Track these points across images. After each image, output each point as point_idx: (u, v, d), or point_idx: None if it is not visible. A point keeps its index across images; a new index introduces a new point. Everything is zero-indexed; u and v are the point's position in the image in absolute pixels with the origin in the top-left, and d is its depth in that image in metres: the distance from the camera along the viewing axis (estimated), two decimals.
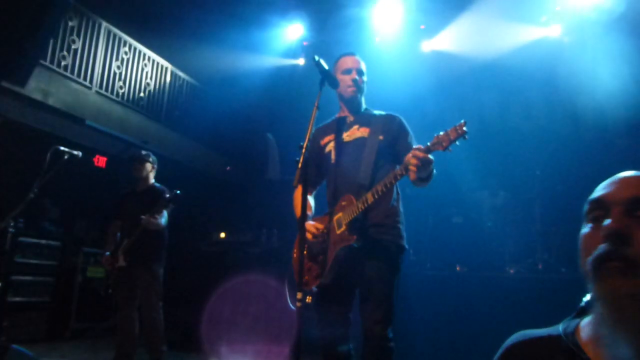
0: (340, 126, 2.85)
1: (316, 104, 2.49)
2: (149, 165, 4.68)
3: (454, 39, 7.04)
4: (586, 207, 0.99)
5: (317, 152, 2.89)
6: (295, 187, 2.62)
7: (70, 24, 6.83)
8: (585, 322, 1.00)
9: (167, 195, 4.38)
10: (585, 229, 0.97)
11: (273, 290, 5.10)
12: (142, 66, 8.16)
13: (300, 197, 2.52)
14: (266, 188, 8.11)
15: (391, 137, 2.74)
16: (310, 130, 2.42)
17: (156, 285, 4.43)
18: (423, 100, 6.67)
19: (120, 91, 7.68)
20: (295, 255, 2.71)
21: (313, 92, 2.58)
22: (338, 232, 2.59)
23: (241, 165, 9.63)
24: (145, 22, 8.14)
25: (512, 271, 5.35)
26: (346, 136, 2.80)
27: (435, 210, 6.13)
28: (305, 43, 8.10)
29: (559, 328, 1.02)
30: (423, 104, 6.62)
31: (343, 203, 2.62)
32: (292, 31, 7.91)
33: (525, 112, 6.90)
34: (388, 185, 2.42)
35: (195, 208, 7.90)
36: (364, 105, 2.92)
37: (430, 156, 2.28)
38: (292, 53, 8.16)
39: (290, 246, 2.81)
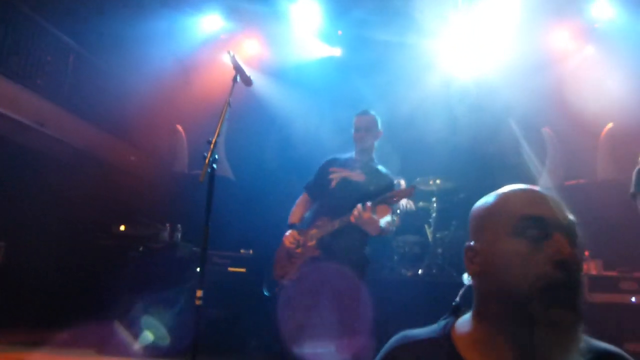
0: (350, 165, 3.53)
1: (227, 100, 2.48)
2: None
3: None
4: (517, 222, 0.96)
5: (324, 176, 3.54)
6: (202, 182, 2.57)
7: None
8: (460, 322, 1.05)
9: None
10: (519, 245, 0.95)
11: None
12: (41, 41, 7.54)
13: (303, 203, 3.61)
14: (172, 181, 7.83)
15: (379, 190, 3.35)
16: (220, 125, 2.41)
17: None
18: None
19: (14, 66, 7.04)
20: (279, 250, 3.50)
21: (226, 87, 2.56)
22: (309, 244, 3.33)
23: (146, 156, 9.22)
24: None
25: (409, 274, 5.60)
26: (348, 175, 3.46)
27: None
28: (222, 36, 7.94)
29: (436, 328, 1.06)
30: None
31: (319, 223, 3.37)
32: (209, 22, 7.73)
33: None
34: (344, 221, 3.14)
35: (94, 198, 7.44)
36: (372, 155, 3.59)
37: (374, 217, 3.07)
38: (208, 45, 7.95)
39: (193, 241, 2.85)
